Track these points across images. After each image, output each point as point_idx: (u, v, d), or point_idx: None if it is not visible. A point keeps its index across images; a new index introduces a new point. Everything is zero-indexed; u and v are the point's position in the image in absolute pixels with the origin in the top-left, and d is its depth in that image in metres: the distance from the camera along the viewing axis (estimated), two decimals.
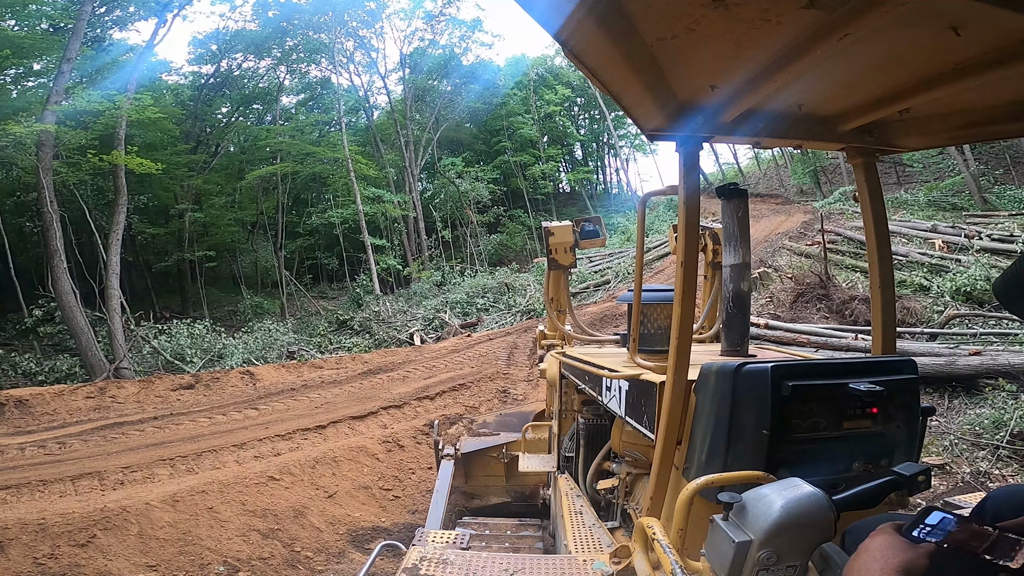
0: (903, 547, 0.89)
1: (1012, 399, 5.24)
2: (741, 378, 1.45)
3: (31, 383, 13.10)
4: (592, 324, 10.14)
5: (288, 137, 26.13)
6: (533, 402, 7.22)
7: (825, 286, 9.37)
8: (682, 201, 1.61)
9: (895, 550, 0.89)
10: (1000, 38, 1.09)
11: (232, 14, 25.67)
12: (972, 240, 12.14)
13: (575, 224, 4.33)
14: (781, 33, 1.13)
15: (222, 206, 25.16)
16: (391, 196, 26.17)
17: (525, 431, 4.14)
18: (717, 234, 3.53)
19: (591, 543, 2.18)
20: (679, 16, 1.10)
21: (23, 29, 16.89)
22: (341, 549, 4.68)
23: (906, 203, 17.08)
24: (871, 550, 0.91)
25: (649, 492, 1.72)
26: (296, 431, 6.83)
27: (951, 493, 4.13)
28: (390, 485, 5.79)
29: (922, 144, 1.84)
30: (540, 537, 3.27)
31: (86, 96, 16.49)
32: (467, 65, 31.30)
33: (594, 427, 2.82)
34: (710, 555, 1.19)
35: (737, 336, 2.12)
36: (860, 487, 1.17)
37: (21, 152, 14.56)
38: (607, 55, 1.23)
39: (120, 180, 16.44)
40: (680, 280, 1.61)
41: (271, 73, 28.17)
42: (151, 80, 22.05)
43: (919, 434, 1.55)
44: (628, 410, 1.96)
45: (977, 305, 9.10)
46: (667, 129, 1.58)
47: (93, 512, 4.40)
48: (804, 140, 1.74)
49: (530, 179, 32.34)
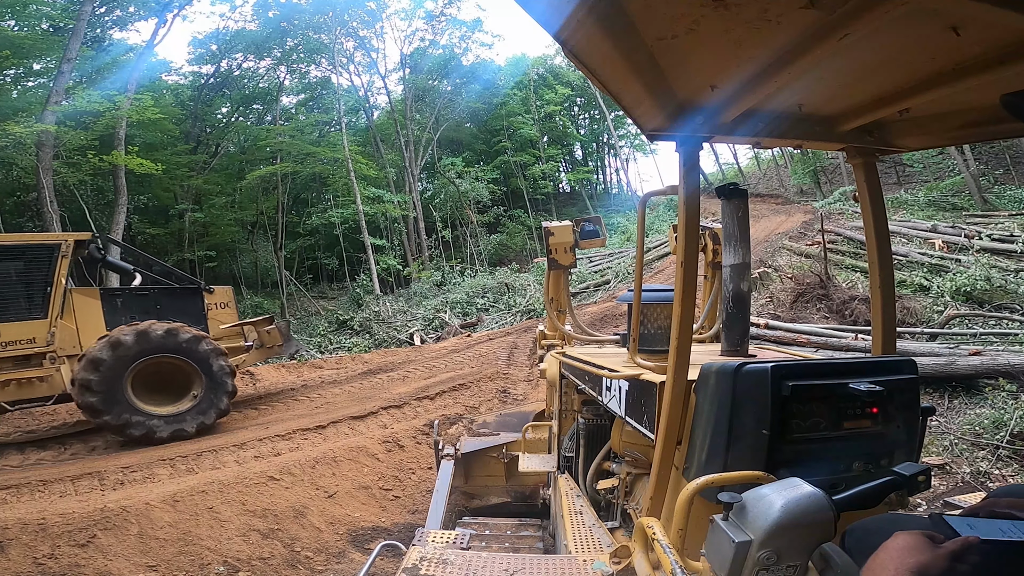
0: (922, 548, 0.89)
1: (1012, 399, 5.25)
2: (741, 378, 1.45)
3: None
4: (592, 324, 10.14)
5: (288, 137, 26.14)
6: (533, 402, 7.22)
7: (825, 286, 9.38)
8: (682, 201, 1.61)
9: (913, 551, 0.88)
10: (1000, 38, 1.09)
11: (232, 14, 25.78)
12: (972, 240, 12.15)
13: (575, 224, 4.33)
14: (781, 33, 1.13)
15: (222, 206, 25.17)
16: (391, 196, 26.18)
17: (525, 431, 4.14)
18: (717, 234, 3.54)
19: (591, 543, 2.18)
20: (679, 16, 1.10)
21: (23, 29, 16.89)
22: (341, 549, 4.68)
23: (906, 203, 17.08)
24: (890, 549, 0.91)
25: (649, 492, 1.72)
26: (296, 431, 6.83)
27: (951, 493, 4.13)
28: (390, 485, 5.79)
29: (922, 144, 1.84)
30: (540, 537, 3.27)
31: (86, 96, 16.52)
32: (467, 65, 31.36)
33: (594, 427, 2.82)
34: (710, 555, 1.19)
35: (737, 336, 2.12)
36: (860, 487, 1.17)
37: (21, 152, 14.58)
38: (607, 55, 1.23)
39: (120, 180, 16.47)
40: (680, 280, 1.61)
41: (271, 73, 28.23)
42: (151, 80, 22.07)
43: (919, 434, 1.55)
44: (628, 410, 1.96)
45: (977, 305, 9.10)
46: (667, 129, 1.58)
47: (93, 512, 4.40)
48: (804, 140, 1.74)
49: (530, 179, 32.34)
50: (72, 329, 6.98)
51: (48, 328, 6.76)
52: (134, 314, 7.49)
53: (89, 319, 7.14)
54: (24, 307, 6.70)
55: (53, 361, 6.77)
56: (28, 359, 6.70)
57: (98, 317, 7.23)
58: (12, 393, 6.60)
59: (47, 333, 6.75)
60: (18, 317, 6.64)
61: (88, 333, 7.01)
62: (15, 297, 6.68)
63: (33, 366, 6.69)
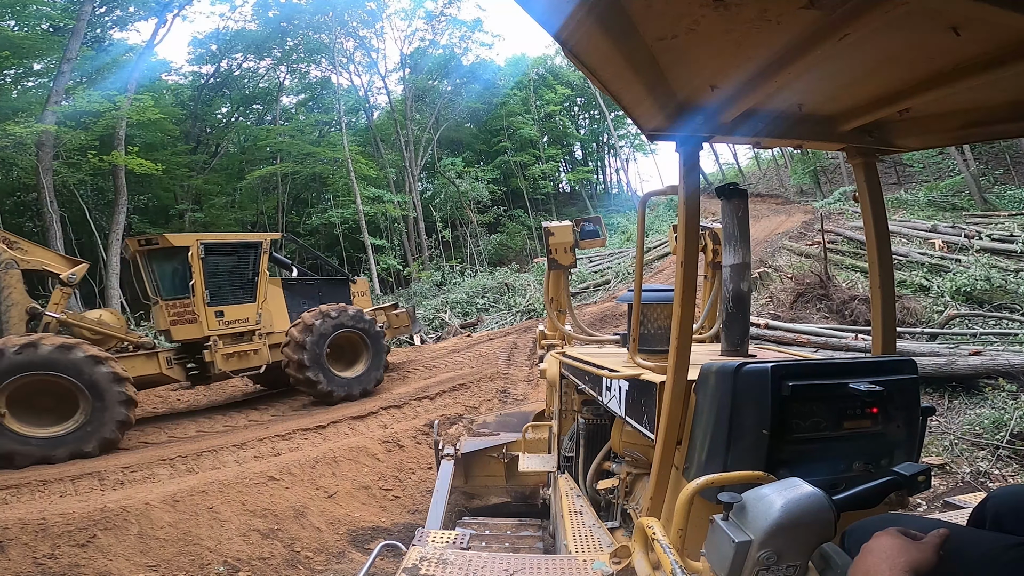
0: (909, 546, 0.91)
1: (1012, 399, 5.25)
2: (741, 378, 1.44)
3: None
4: (592, 324, 10.14)
5: (288, 137, 26.14)
6: (533, 402, 7.22)
7: (825, 286, 9.38)
8: (682, 201, 1.61)
9: (901, 550, 0.90)
10: (1000, 38, 1.09)
11: (232, 14, 25.76)
12: (972, 240, 12.15)
13: (575, 224, 4.34)
14: (781, 33, 1.13)
15: (222, 206, 25.16)
16: (391, 196, 26.17)
17: (525, 431, 4.14)
18: (717, 234, 3.53)
19: (591, 543, 2.18)
20: (679, 16, 1.10)
21: (23, 29, 16.89)
22: (341, 549, 4.68)
23: (906, 203, 17.08)
24: (876, 551, 0.92)
25: (649, 492, 1.72)
26: (296, 431, 6.83)
27: (951, 493, 4.13)
28: (390, 485, 5.79)
29: (922, 144, 1.84)
30: (540, 537, 3.27)
31: (86, 96, 16.52)
32: (467, 65, 31.34)
33: (594, 427, 2.82)
34: (710, 555, 1.19)
35: (737, 336, 2.12)
36: (860, 487, 1.17)
37: (21, 152, 14.58)
38: (607, 55, 1.23)
39: (120, 180, 16.46)
40: (680, 280, 1.61)
41: (271, 73, 28.22)
42: (151, 80, 22.05)
43: (919, 434, 1.55)
44: (628, 410, 1.96)
45: (977, 305, 9.11)
46: (667, 129, 1.57)
47: (93, 512, 4.40)
48: (804, 140, 1.74)
49: (530, 179, 32.32)
50: (269, 311, 8.69)
51: (256, 310, 8.48)
52: (304, 299, 9.17)
53: (276, 303, 8.92)
54: (240, 293, 8.39)
55: (261, 337, 8.43)
56: (242, 335, 8.32)
57: (281, 301, 9.00)
58: (235, 363, 8.17)
59: (256, 314, 8.47)
60: (237, 301, 8.31)
61: (276, 314, 8.82)
62: (234, 285, 8.35)
63: (245, 341, 8.32)
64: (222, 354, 7.97)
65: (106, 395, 6.33)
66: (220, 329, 8.05)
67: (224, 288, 8.20)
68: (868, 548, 0.93)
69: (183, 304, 7.88)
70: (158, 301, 7.96)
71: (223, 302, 8.13)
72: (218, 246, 8.23)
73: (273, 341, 8.49)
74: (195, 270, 7.84)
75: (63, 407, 6.24)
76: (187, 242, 7.96)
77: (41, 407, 6.17)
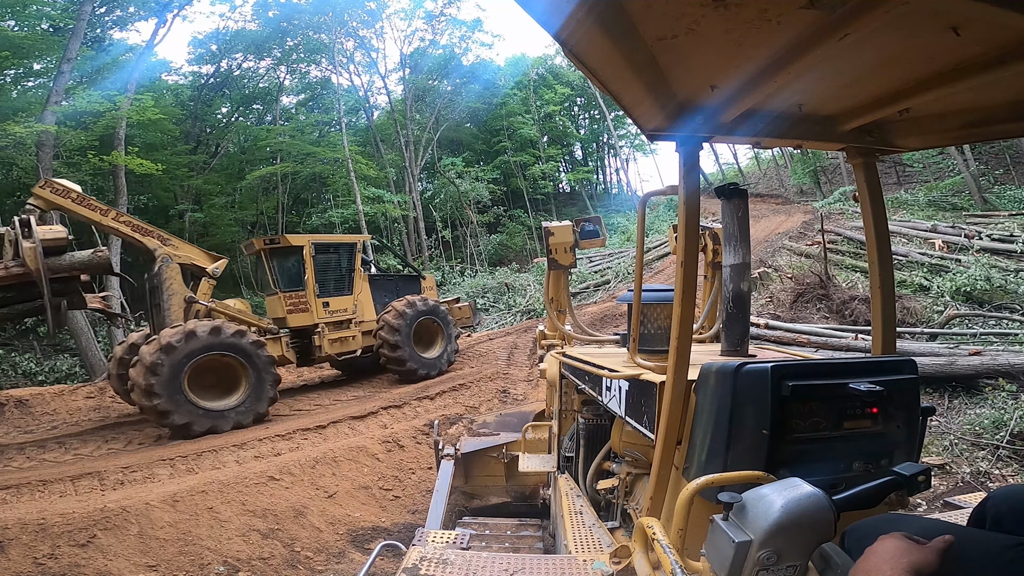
0: (912, 548, 0.91)
1: (1012, 399, 5.25)
2: (741, 378, 1.44)
3: (31, 383, 13.13)
4: (592, 324, 10.15)
5: (288, 137, 26.10)
6: (533, 402, 7.22)
7: (825, 286, 9.37)
8: (682, 201, 1.61)
9: (904, 551, 0.91)
10: (1000, 38, 1.09)
11: (232, 14, 25.72)
12: (972, 240, 12.14)
13: (575, 224, 4.34)
14: (781, 33, 1.13)
15: (222, 206, 25.13)
16: (391, 196, 26.15)
17: (525, 431, 4.14)
18: (717, 234, 3.54)
19: (591, 543, 2.18)
20: (679, 16, 1.10)
21: (23, 29, 16.88)
22: (341, 549, 4.68)
23: (906, 203, 17.08)
24: (879, 551, 0.93)
25: (649, 492, 1.72)
26: (296, 431, 6.83)
27: (951, 493, 4.13)
28: (390, 485, 5.79)
29: (922, 144, 1.83)
30: (540, 537, 3.26)
31: (86, 96, 16.50)
32: (467, 65, 31.30)
33: (594, 427, 2.82)
34: (710, 555, 1.19)
35: (737, 336, 2.11)
36: (860, 487, 1.17)
37: (21, 152, 14.57)
38: (607, 55, 1.23)
39: (120, 180, 16.44)
40: (680, 280, 1.61)
41: (271, 73, 28.16)
42: (151, 80, 22.03)
43: (919, 434, 1.55)
44: (628, 410, 1.96)
45: (977, 305, 9.10)
46: (667, 129, 1.57)
47: (93, 512, 4.40)
48: (804, 140, 1.74)
49: (530, 179, 32.32)
50: (360, 302, 9.89)
51: (353, 301, 9.78)
52: (385, 293, 10.33)
53: (365, 295, 10.07)
54: (341, 286, 9.71)
55: (356, 325, 9.73)
56: (342, 323, 9.61)
57: (368, 294, 10.14)
58: (338, 347, 9.44)
59: (352, 304, 9.78)
60: (339, 293, 9.64)
61: (365, 305, 10.00)
62: (336, 279, 9.66)
63: (344, 328, 9.61)
64: (328, 339, 9.24)
65: (263, 374, 7.45)
66: (326, 317, 9.36)
67: (329, 282, 9.53)
68: (872, 549, 0.94)
69: (298, 295, 9.18)
70: (277, 292, 9.22)
71: (328, 294, 9.47)
72: (324, 246, 9.59)
73: (363, 329, 9.73)
74: (308, 266, 9.20)
75: (224, 384, 7.30)
76: (302, 242, 9.31)
77: (206, 383, 7.15)
